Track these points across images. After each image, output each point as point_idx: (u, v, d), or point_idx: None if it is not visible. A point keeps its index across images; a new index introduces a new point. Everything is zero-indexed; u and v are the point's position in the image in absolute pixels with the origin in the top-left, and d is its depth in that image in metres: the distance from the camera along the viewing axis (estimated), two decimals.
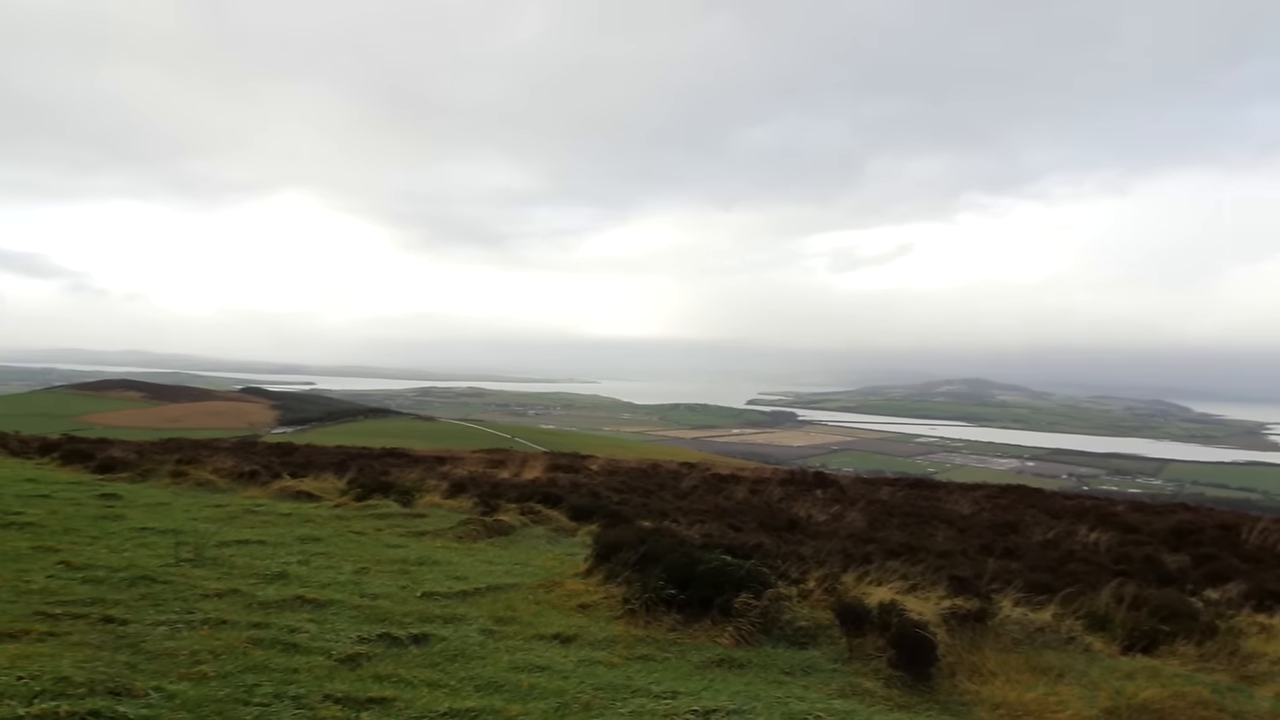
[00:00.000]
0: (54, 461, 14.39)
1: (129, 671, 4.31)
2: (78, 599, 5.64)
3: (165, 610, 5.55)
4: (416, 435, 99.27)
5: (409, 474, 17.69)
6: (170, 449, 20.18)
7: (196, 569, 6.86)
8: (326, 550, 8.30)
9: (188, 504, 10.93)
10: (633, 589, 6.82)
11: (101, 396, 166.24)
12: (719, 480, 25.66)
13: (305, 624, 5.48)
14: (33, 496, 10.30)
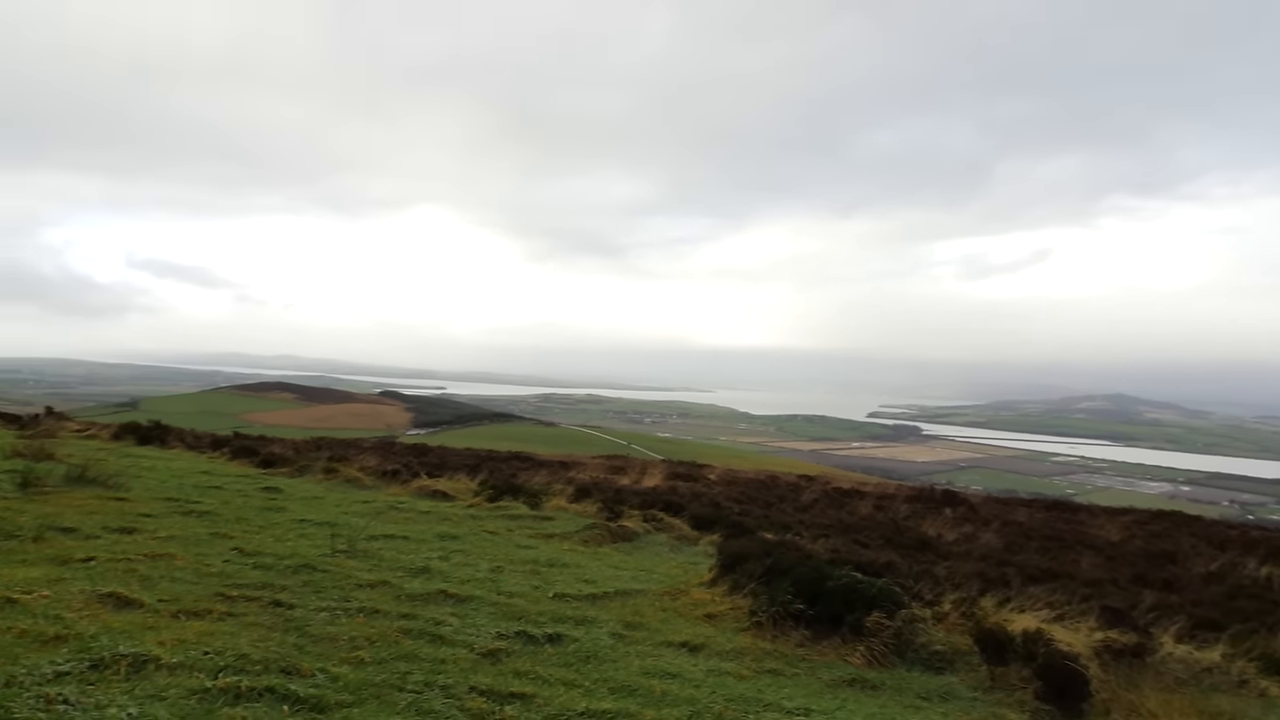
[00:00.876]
0: (224, 456, 15.83)
1: (297, 652, 4.70)
2: (250, 583, 6.19)
3: (325, 597, 6.01)
4: (538, 440, 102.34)
5: (535, 477, 18.24)
6: (321, 447, 21.76)
7: (350, 560, 7.38)
8: (464, 548, 8.71)
9: (339, 499, 11.75)
10: (759, 601, 6.79)
11: (260, 397, 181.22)
12: (840, 495, 25.03)
13: (449, 617, 5.79)
14: (208, 487, 11.39)
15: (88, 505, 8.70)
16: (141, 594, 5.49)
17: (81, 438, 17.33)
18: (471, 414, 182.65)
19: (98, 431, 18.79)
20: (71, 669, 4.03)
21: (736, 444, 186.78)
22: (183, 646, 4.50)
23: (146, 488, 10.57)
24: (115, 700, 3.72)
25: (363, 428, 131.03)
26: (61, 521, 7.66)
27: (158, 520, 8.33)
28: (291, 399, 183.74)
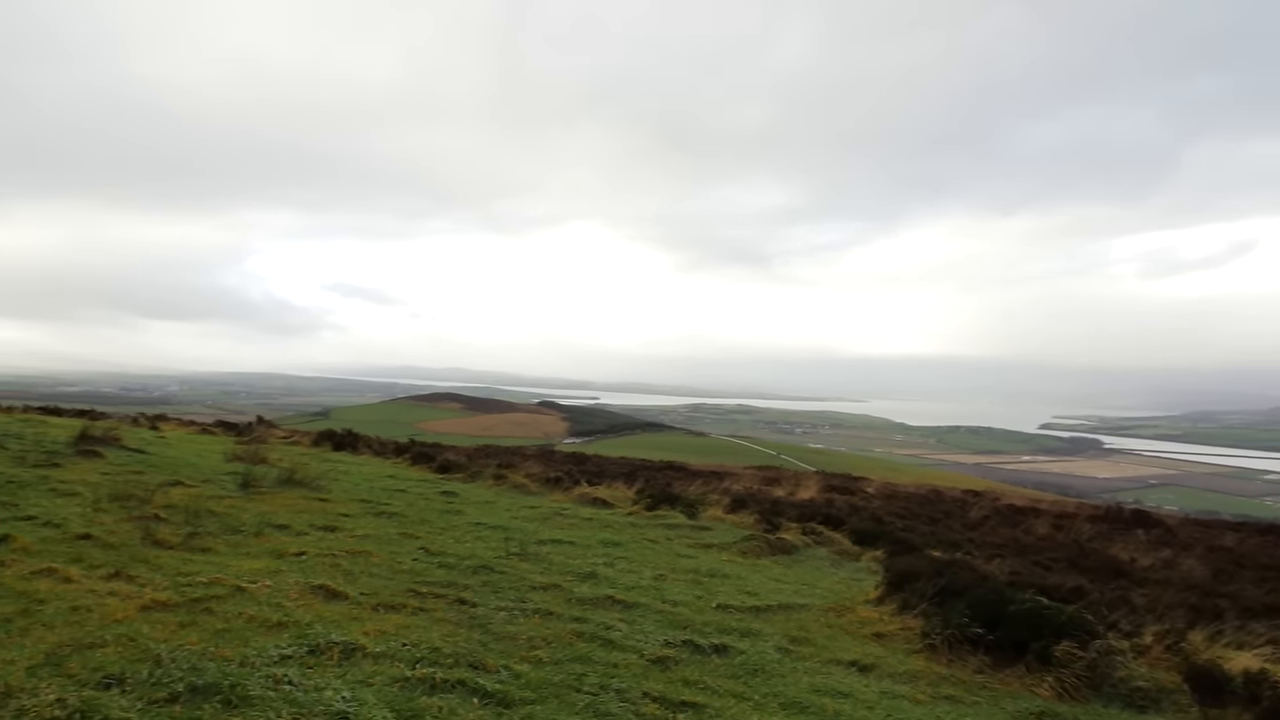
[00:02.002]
0: (405, 461, 17.12)
1: (482, 649, 5.01)
2: (437, 581, 6.67)
3: (503, 597, 6.36)
4: (689, 450, 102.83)
5: (690, 487, 18.34)
6: (489, 455, 23.05)
7: (523, 562, 7.76)
8: (626, 555, 8.93)
9: (509, 504, 12.39)
10: (932, 623, 6.49)
11: (431, 407, 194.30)
12: (1013, 512, 23.41)
13: (617, 623, 5.96)
14: (395, 491, 12.36)
15: (296, 505, 9.69)
16: (346, 587, 6.06)
17: (286, 443, 19.32)
18: (624, 424, 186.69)
19: (299, 438, 20.88)
20: (293, 653, 4.51)
21: (893, 456, 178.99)
22: (384, 637, 4.93)
23: (343, 490, 11.63)
24: (330, 684, 4.13)
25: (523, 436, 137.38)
26: (276, 519, 8.60)
27: (355, 520, 9.16)
28: (459, 409, 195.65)
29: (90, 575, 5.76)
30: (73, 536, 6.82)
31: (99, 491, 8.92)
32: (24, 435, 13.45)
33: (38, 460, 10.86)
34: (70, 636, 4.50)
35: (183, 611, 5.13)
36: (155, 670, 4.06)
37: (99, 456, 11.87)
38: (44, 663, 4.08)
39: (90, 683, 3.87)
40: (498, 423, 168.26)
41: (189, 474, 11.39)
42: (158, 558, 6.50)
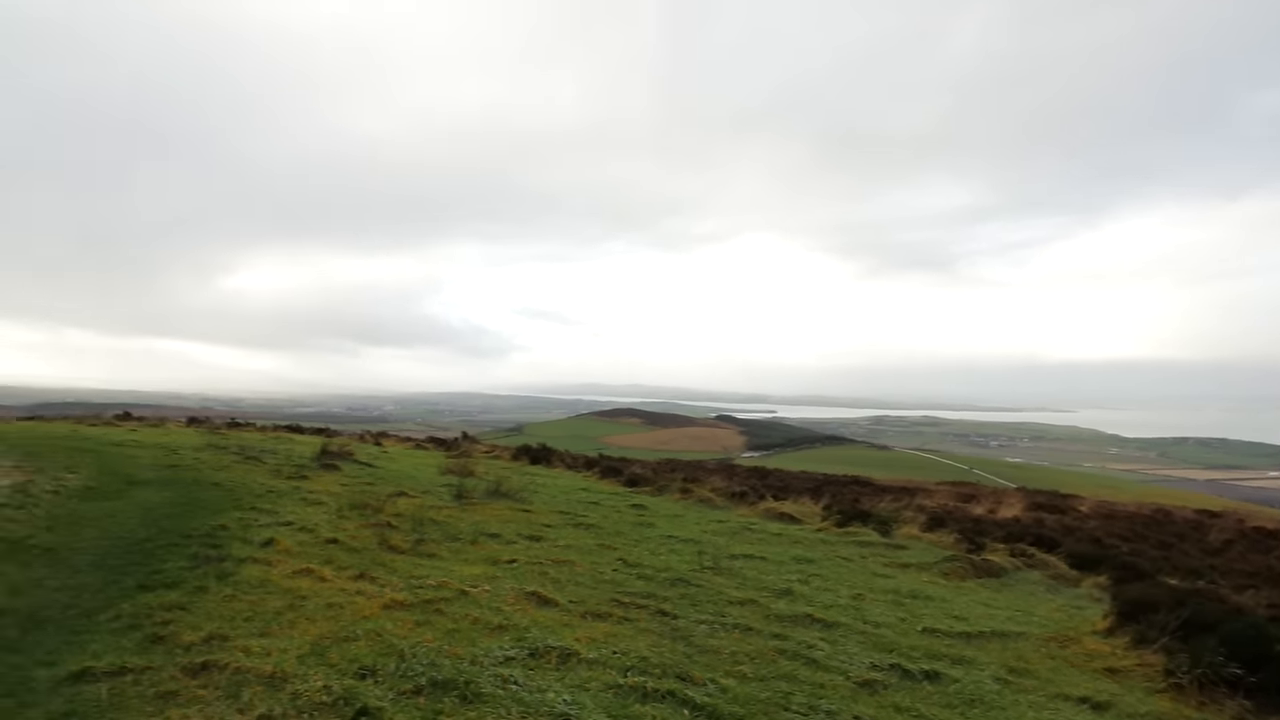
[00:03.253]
0: (595, 475, 17.83)
1: (687, 661, 5.11)
2: (637, 592, 6.88)
3: (702, 610, 6.45)
4: (872, 464, 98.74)
5: (879, 503, 17.64)
6: (674, 469, 23.46)
7: (717, 576, 7.83)
8: (820, 572, 8.75)
9: (697, 517, 12.54)
10: (1176, 660, 5.83)
11: (613, 422, 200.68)
12: (1263, 536, 20.46)
13: (819, 642, 5.85)
14: (589, 503, 12.91)
15: (503, 515, 10.39)
16: (555, 594, 6.41)
17: (489, 458, 20.76)
18: (803, 437, 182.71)
19: (499, 453, 22.35)
20: (515, 654, 4.84)
21: (1106, 471, 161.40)
22: (595, 644, 5.17)
23: (543, 501, 12.31)
24: (551, 686, 4.38)
25: (701, 450, 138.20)
26: (488, 528, 9.26)
27: (556, 530, 9.67)
28: (639, 423, 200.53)
29: (340, 575, 6.49)
30: (323, 540, 7.73)
31: (340, 501, 10.05)
32: (277, 451, 15.44)
33: (290, 473, 12.43)
34: (328, 630, 5.10)
35: (417, 611, 5.66)
36: (400, 664, 4.51)
37: (337, 470, 13.38)
38: (310, 652, 4.65)
39: (348, 672, 4.36)
40: (676, 437, 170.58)
41: (410, 485, 12.54)
42: (392, 561, 7.21)
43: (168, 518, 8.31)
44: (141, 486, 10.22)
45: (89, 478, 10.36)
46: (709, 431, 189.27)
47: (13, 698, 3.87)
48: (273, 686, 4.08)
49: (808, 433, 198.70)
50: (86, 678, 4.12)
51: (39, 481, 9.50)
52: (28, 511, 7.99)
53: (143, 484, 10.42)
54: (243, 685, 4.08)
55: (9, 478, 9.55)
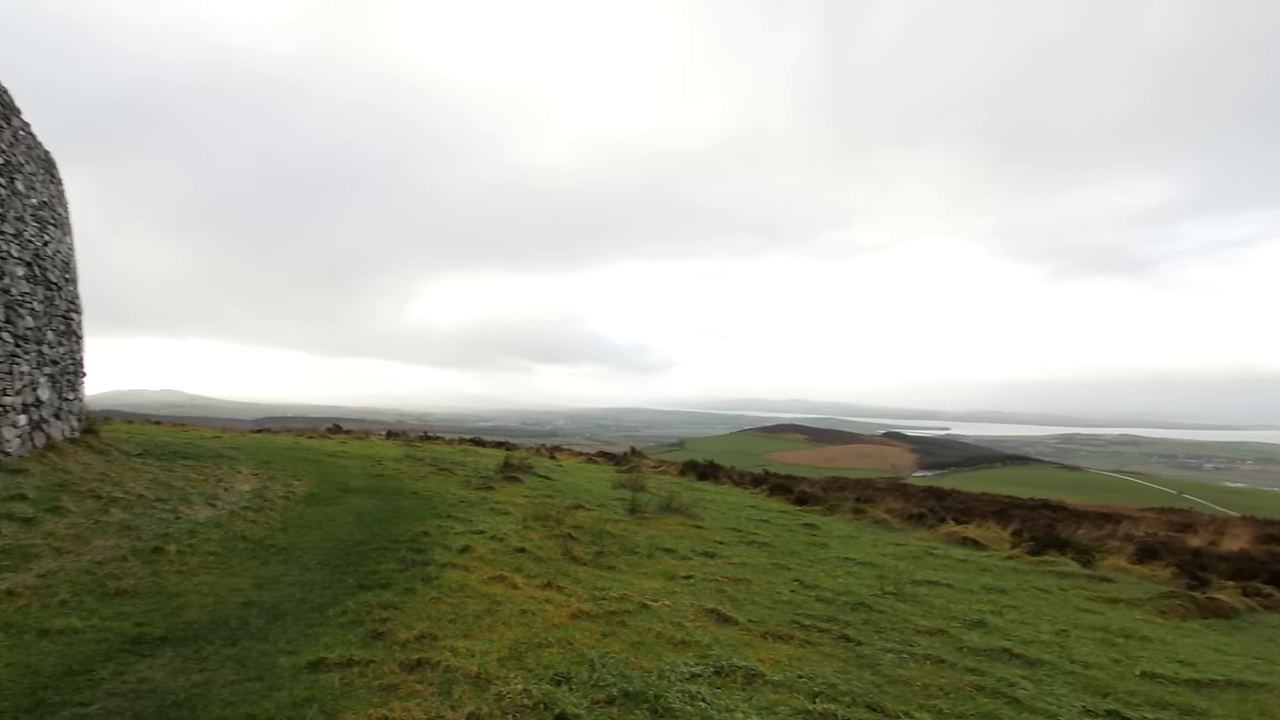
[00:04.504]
0: (763, 492, 17.64)
1: (876, 690, 4.93)
2: (817, 615, 6.73)
3: (887, 638, 6.21)
4: (1064, 487, 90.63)
5: (1077, 530, 16.19)
6: (843, 488, 22.74)
7: (901, 603, 7.50)
8: (1014, 604, 8.16)
9: (872, 539, 12.09)
10: None
11: (776, 438, 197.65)
12: None
13: (1021, 680, 5.45)
14: (759, 521, 12.80)
15: (676, 530, 10.52)
16: (734, 613, 6.41)
17: (657, 472, 21.11)
18: (981, 456, 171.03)
19: (666, 468, 22.67)
20: (701, 671, 4.88)
21: None
22: (779, 666, 5.11)
23: (713, 518, 12.35)
24: (739, 706, 4.37)
25: (868, 468, 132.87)
26: (663, 543, 9.42)
27: (730, 548, 9.66)
28: (802, 440, 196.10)
29: (529, 583, 6.84)
30: (512, 549, 8.18)
31: (524, 512, 10.60)
32: (465, 463, 16.55)
33: (478, 484, 13.27)
34: (523, 635, 5.38)
35: (602, 622, 5.84)
36: (592, 673, 4.67)
37: (519, 482, 14.13)
38: (508, 655, 4.93)
39: (545, 678, 4.57)
40: (842, 454, 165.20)
41: (586, 498, 13.00)
42: (576, 572, 7.50)
43: (377, 523, 9.13)
44: (354, 494, 11.30)
45: (311, 485, 11.60)
46: (877, 449, 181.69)
47: (263, 681, 4.38)
48: (479, 686, 4.36)
49: (986, 451, 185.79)
50: (321, 667, 4.59)
51: (272, 488, 10.76)
52: (265, 514, 9.07)
53: (355, 491, 11.52)
54: (453, 683, 4.38)
55: (249, 484, 10.89)
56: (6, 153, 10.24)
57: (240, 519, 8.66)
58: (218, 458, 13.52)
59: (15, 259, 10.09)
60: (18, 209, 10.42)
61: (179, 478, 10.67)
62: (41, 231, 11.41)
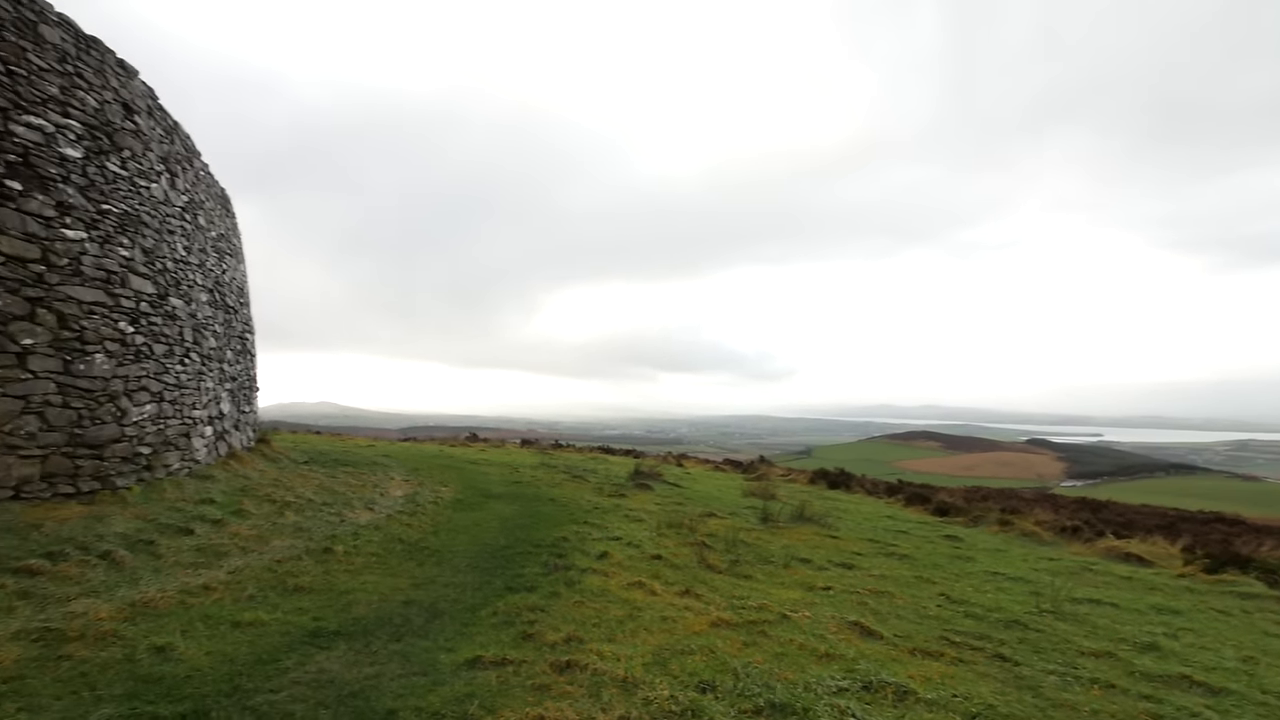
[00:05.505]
0: (899, 502, 17.00)
1: (1039, 714, 4.66)
2: (967, 631, 6.43)
3: (1048, 659, 5.85)
4: (1237, 498, 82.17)
5: (1260, 547, 14.64)
6: (986, 498, 21.58)
7: (1059, 622, 7.04)
8: (1191, 626, 7.48)
9: (1021, 553, 11.40)
10: None
11: (907, 445, 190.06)
12: None
13: (1204, 710, 5.00)
14: (897, 531, 12.36)
15: (811, 540, 10.34)
16: (878, 626, 6.23)
17: (786, 480, 20.80)
18: (1139, 465, 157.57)
19: (795, 476, 22.30)
20: (848, 686, 4.77)
21: None
22: (931, 684, 4.92)
23: (848, 528, 12.04)
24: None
25: (1011, 477, 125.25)
26: (798, 553, 9.28)
27: (868, 559, 9.39)
28: (937, 447, 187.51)
29: (668, 590, 6.92)
30: (649, 556, 8.30)
31: (657, 519, 10.73)
32: (596, 470, 16.93)
33: (610, 491, 13.56)
34: (665, 642, 5.45)
35: (743, 631, 5.83)
36: (736, 683, 4.67)
37: (649, 489, 14.31)
38: (652, 661, 5.01)
39: (690, 685, 4.62)
40: (981, 462, 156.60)
41: (717, 506, 13.00)
42: (712, 580, 7.53)
43: (519, 528, 9.50)
44: (496, 500, 11.81)
45: (457, 491, 12.23)
46: (1020, 457, 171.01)
47: (427, 676, 4.66)
48: (626, 690, 4.46)
49: (1144, 459, 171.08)
50: (478, 665, 4.83)
51: (422, 494, 11.43)
52: (417, 518, 9.64)
53: (496, 498, 12.04)
54: (601, 686, 4.50)
55: (401, 490, 11.62)
56: (190, 191, 11.42)
57: (396, 522, 9.26)
58: (373, 465, 14.48)
59: (200, 286, 11.24)
60: (201, 241, 11.61)
61: (341, 483, 11.52)
62: (220, 261, 12.66)
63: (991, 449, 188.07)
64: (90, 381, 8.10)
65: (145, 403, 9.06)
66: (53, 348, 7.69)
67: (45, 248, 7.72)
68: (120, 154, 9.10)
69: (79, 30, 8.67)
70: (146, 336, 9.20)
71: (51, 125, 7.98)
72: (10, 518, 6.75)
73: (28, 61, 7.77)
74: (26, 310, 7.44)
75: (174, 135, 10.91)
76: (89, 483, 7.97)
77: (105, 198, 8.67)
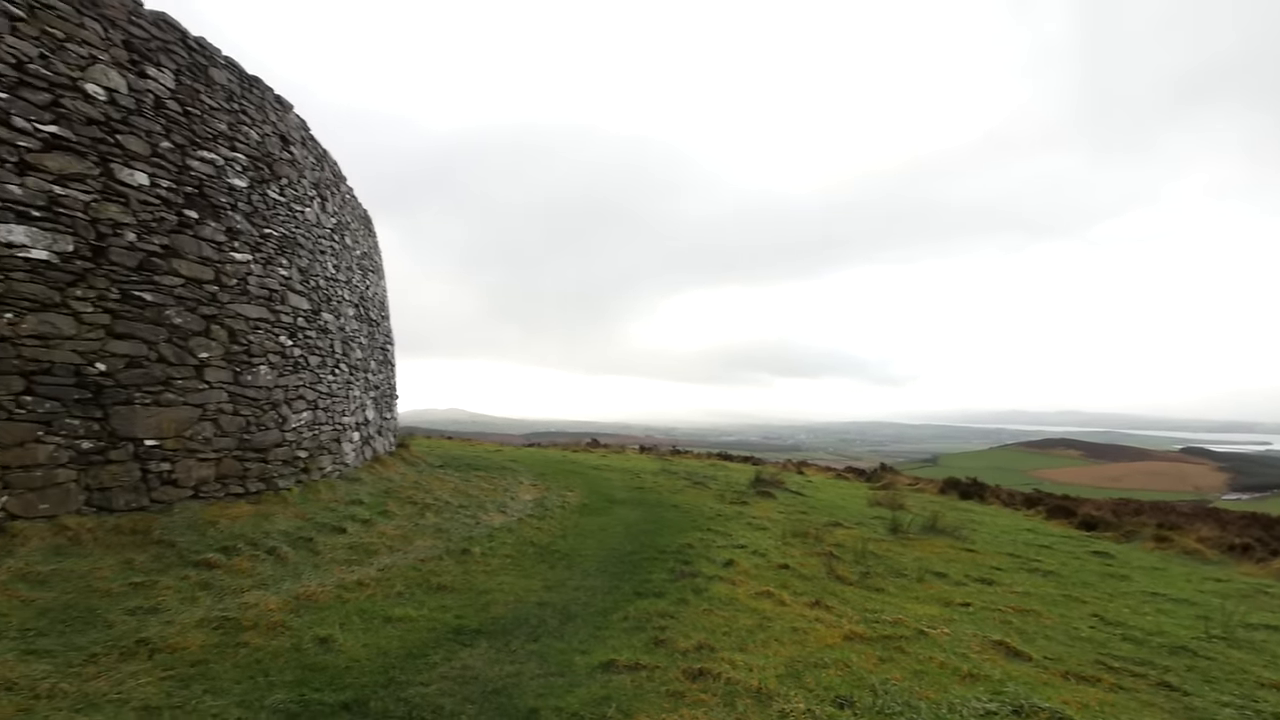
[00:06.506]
0: (1039, 515, 16.02)
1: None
2: (1127, 657, 5.98)
3: (1221, 689, 5.36)
4: None
5: None
6: (1134, 511, 19.96)
7: (1233, 650, 6.44)
8: None
9: (1183, 573, 10.49)
10: None
11: (1044, 454, 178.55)
12: None
13: None
14: (1039, 546, 11.65)
15: (945, 553, 9.90)
16: (1025, 647, 5.89)
17: (913, 490, 20.03)
18: None
19: (923, 485, 21.43)
20: (996, 709, 4.54)
21: None
22: (1089, 712, 4.62)
23: (985, 541, 11.45)
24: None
25: (1163, 489, 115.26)
26: (932, 566, 8.92)
27: (1009, 575, 8.90)
28: (1077, 456, 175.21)
29: (796, 601, 6.82)
30: (775, 565, 8.21)
31: (782, 527, 10.59)
32: (716, 477, 16.90)
33: (732, 498, 13.50)
34: (797, 653, 5.37)
35: (878, 646, 5.67)
36: (875, 699, 4.55)
37: (771, 497, 14.15)
38: (785, 673, 4.95)
39: (826, 700, 4.53)
40: (1128, 472, 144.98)
41: (842, 516, 12.68)
42: (842, 592, 7.35)
43: (644, 533, 9.62)
44: (619, 505, 12.01)
45: (582, 496, 12.52)
46: (1173, 467, 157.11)
47: (564, 677, 4.80)
48: (761, 702, 4.43)
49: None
50: (612, 668, 4.92)
51: (550, 498, 11.78)
52: (546, 522, 9.95)
53: (620, 503, 12.24)
54: (735, 696, 4.50)
55: (530, 494, 12.02)
56: (338, 214, 12.29)
57: (527, 525, 9.59)
58: (502, 469, 15.06)
59: (347, 301, 12.07)
60: (347, 260, 12.46)
61: (474, 487, 12.05)
62: (364, 277, 13.54)
63: (1140, 458, 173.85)
64: (256, 391, 8.86)
65: (302, 410, 9.81)
66: (224, 360, 8.46)
67: (217, 269, 8.50)
68: (279, 182, 9.91)
69: (243, 71, 9.51)
70: (303, 349, 9.96)
71: (221, 158, 8.79)
72: (191, 515, 7.47)
73: (201, 102, 8.60)
74: (203, 327, 8.22)
75: (323, 162, 11.77)
76: (255, 484, 8.70)
77: (267, 222, 9.46)
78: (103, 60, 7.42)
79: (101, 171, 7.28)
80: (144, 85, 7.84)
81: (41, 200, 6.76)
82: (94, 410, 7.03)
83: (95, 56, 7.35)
